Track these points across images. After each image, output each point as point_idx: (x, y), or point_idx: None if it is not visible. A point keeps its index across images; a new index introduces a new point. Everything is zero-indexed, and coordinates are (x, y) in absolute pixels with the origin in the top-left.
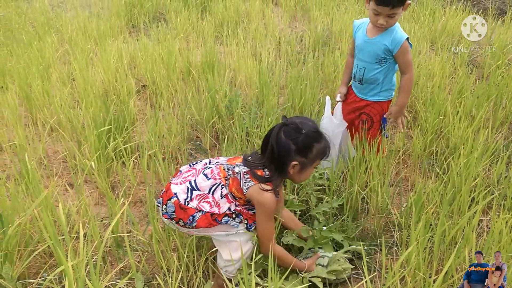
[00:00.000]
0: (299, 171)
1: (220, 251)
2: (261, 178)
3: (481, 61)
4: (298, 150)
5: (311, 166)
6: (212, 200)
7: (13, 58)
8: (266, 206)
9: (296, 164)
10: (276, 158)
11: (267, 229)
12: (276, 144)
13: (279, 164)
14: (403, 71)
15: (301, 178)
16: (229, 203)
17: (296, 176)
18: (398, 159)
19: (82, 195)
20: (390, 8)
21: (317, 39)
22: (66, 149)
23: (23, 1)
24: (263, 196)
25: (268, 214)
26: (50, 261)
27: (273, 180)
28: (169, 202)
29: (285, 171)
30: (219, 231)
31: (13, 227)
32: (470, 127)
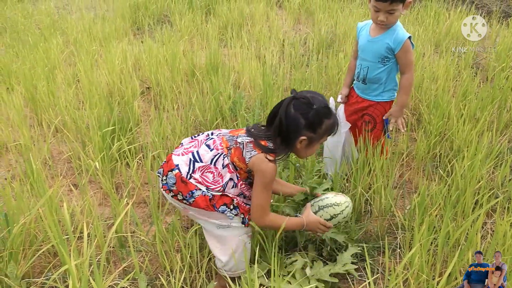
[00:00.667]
0: (306, 146)
1: (209, 243)
2: (265, 148)
3: (486, 63)
4: (308, 125)
5: (319, 141)
6: (214, 170)
7: (19, 60)
8: (266, 176)
9: (304, 139)
10: (284, 132)
11: (263, 199)
12: (285, 117)
13: (286, 137)
14: (403, 70)
15: (307, 153)
16: (230, 174)
17: (303, 151)
18: (402, 161)
19: (86, 195)
20: (389, 4)
21: (321, 42)
22: (70, 150)
23: (29, 3)
24: (266, 165)
25: (267, 184)
26: (54, 260)
27: (278, 152)
28: (170, 174)
29: (292, 145)
30: (213, 218)
31: (18, 226)
32: (474, 130)
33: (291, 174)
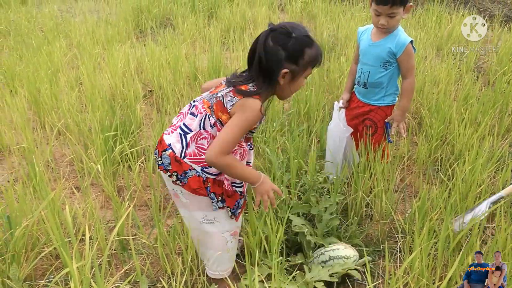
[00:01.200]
0: (289, 81)
1: (194, 243)
2: (246, 92)
3: (487, 67)
4: (289, 57)
5: (302, 75)
6: (207, 134)
7: (23, 63)
8: (247, 111)
9: (286, 72)
10: (264, 69)
11: (232, 136)
12: (264, 51)
13: (268, 74)
14: (405, 75)
15: (292, 89)
16: (219, 132)
17: (286, 88)
18: (403, 165)
19: (88, 198)
20: (390, 7)
21: (322, 45)
22: (73, 153)
23: (32, 6)
24: (248, 101)
25: (245, 121)
26: (56, 263)
27: (261, 93)
28: (164, 154)
29: (274, 82)
30: (198, 209)
31: (20, 228)
32: (476, 134)
33: (292, 178)
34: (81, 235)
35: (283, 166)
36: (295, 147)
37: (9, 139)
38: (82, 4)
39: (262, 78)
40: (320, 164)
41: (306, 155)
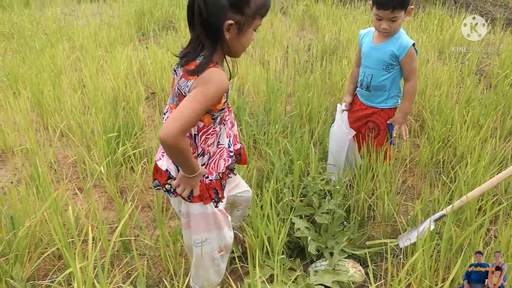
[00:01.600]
0: (237, 34)
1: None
2: (197, 69)
3: (489, 70)
4: (232, 5)
5: (250, 26)
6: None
7: (26, 65)
8: (207, 84)
9: (231, 24)
10: (207, 24)
11: (192, 114)
12: (204, 3)
13: (212, 30)
14: (407, 78)
15: (242, 44)
16: (176, 108)
17: (236, 42)
18: (405, 167)
19: (91, 199)
20: (391, 11)
21: (324, 48)
22: (76, 154)
23: (35, 9)
24: (203, 75)
25: (208, 97)
26: (59, 263)
27: (212, 58)
28: (169, 181)
29: (221, 37)
30: (195, 230)
31: (23, 229)
32: (478, 136)
33: (295, 180)
34: (84, 236)
35: (285, 168)
36: (297, 149)
37: (12, 141)
38: (85, 7)
39: (206, 37)
40: (322, 167)
41: (308, 158)
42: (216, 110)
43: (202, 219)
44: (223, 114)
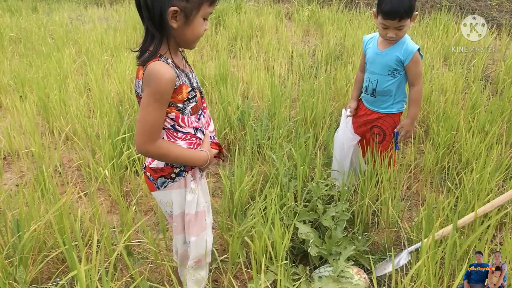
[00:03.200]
0: (184, 23)
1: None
2: (141, 61)
3: (495, 76)
4: None
5: (198, 13)
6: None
7: (32, 69)
8: (150, 83)
9: (176, 11)
10: (153, 14)
11: (150, 118)
12: None
13: (158, 22)
14: (413, 83)
15: (192, 33)
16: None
17: (185, 31)
18: (410, 173)
19: (95, 203)
20: (398, 21)
21: (329, 53)
22: (80, 158)
23: (43, 14)
24: (148, 71)
25: (157, 95)
26: (62, 266)
27: (157, 50)
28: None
29: (167, 27)
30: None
31: (29, 232)
32: (483, 143)
33: (299, 185)
34: (88, 239)
35: (289, 173)
36: (301, 154)
37: (18, 144)
38: (92, 12)
39: (154, 27)
40: (326, 172)
41: (312, 162)
42: (179, 101)
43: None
44: (194, 105)
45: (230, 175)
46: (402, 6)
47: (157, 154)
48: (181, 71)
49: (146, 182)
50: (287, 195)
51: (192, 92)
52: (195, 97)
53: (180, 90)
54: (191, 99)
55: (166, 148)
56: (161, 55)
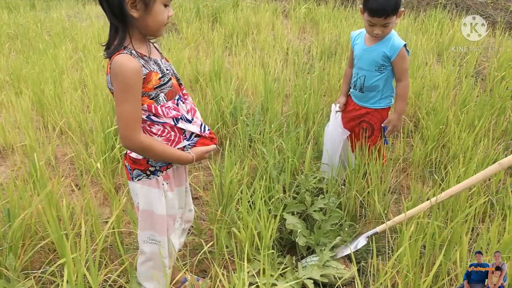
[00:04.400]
0: (145, 11)
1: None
2: (109, 56)
3: (487, 73)
4: None
5: (157, 1)
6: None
7: (29, 65)
8: (117, 76)
9: (134, 1)
10: (112, 8)
11: (126, 111)
12: None
13: (118, 13)
14: (399, 78)
15: (155, 20)
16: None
17: (147, 20)
18: (398, 166)
19: (86, 193)
20: (384, 18)
21: (324, 50)
22: (74, 151)
23: (41, 11)
24: (113, 65)
25: (124, 87)
26: (52, 255)
27: (121, 42)
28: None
29: (127, 17)
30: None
31: (18, 220)
32: (471, 136)
33: (287, 178)
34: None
35: (279, 166)
36: (291, 147)
37: (13, 138)
38: (90, 9)
39: (115, 18)
40: (316, 165)
41: (302, 156)
42: (150, 90)
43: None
44: (168, 90)
45: (221, 168)
46: (388, 4)
47: (141, 147)
48: (148, 59)
49: (125, 169)
50: (276, 187)
51: (163, 78)
52: (168, 82)
53: (149, 78)
54: (163, 85)
55: (149, 142)
56: (125, 47)
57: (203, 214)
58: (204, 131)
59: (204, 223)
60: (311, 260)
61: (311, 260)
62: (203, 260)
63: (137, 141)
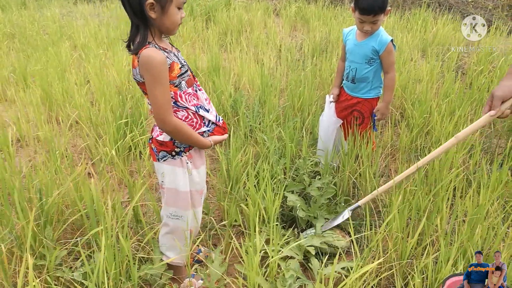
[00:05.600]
0: (161, 12)
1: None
2: (133, 49)
3: (467, 67)
4: None
5: (172, 3)
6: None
7: (31, 62)
8: (148, 69)
9: (153, 4)
10: (134, 10)
11: (160, 96)
12: None
13: (139, 14)
14: (387, 70)
15: (170, 21)
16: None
17: (164, 20)
18: (387, 151)
19: (106, 176)
20: (373, 16)
21: (315, 47)
22: (84, 142)
23: (34, 10)
24: (142, 59)
25: (156, 76)
26: (78, 233)
27: (145, 38)
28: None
29: (147, 19)
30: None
31: (52, 198)
32: (451, 124)
33: (287, 162)
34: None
35: (279, 152)
36: (290, 135)
37: (26, 131)
38: (82, 8)
39: (137, 18)
40: (312, 151)
41: (299, 144)
42: (174, 78)
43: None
44: (188, 79)
45: (227, 153)
46: (377, 4)
47: (174, 129)
48: (168, 52)
49: (150, 152)
50: (277, 169)
51: (183, 68)
52: (187, 71)
53: (172, 67)
54: (183, 74)
55: (181, 124)
56: (149, 42)
57: (210, 196)
58: (218, 121)
59: (212, 203)
60: (311, 232)
61: (311, 232)
62: (213, 235)
63: (171, 123)
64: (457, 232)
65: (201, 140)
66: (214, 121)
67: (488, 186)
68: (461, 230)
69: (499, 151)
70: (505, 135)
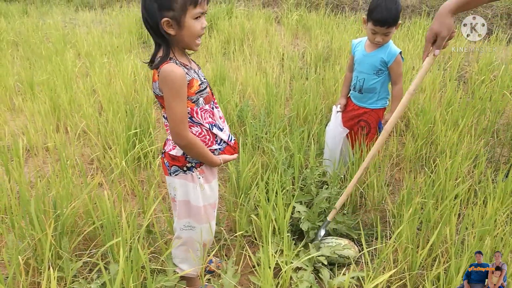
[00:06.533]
0: (178, 28)
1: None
2: (156, 66)
3: (468, 76)
4: (160, 6)
5: (186, 16)
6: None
7: (37, 72)
8: (167, 83)
9: (168, 21)
10: (154, 30)
11: (177, 111)
12: (145, 11)
13: (159, 33)
14: (395, 81)
15: (190, 34)
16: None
17: (183, 35)
18: (392, 161)
19: (118, 187)
20: (386, 28)
21: (318, 56)
22: (92, 152)
23: (36, 18)
24: (163, 73)
25: (176, 91)
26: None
27: (166, 55)
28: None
29: (166, 36)
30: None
31: (68, 210)
32: (455, 134)
33: (296, 172)
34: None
35: (286, 162)
36: (297, 145)
37: (35, 140)
38: (84, 15)
39: (157, 37)
40: (318, 161)
41: (306, 154)
42: (192, 94)
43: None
44: (206, 96)
45: (236, 165)
46: (391, 16)
47: (188, 142)
48: (189, 68)
49: (162, 166)
50: (285, 180)
51: (202, 85)
52: (206, 88)
53: (191, 84)
54: (202, 90)
55: (195, 140)
56: (170, 58)
57: (219, 206)
58: (230, 141)
59: (221, 213)
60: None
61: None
62: (223, 245)
63: (187, 138)
64: (466, 243)
65: (212, 157)
66: (226, 140)
67: (495, 197)
68: (470, 240)
69: (503, 160)
70: (508, 144)
